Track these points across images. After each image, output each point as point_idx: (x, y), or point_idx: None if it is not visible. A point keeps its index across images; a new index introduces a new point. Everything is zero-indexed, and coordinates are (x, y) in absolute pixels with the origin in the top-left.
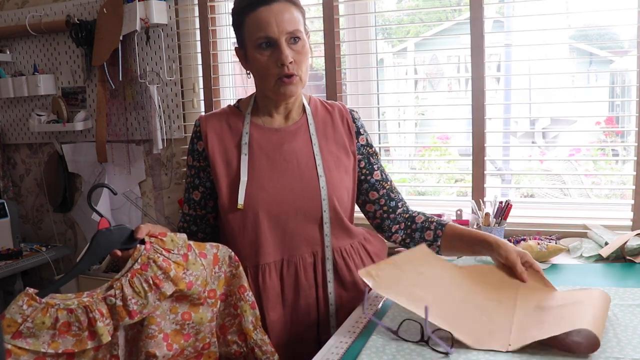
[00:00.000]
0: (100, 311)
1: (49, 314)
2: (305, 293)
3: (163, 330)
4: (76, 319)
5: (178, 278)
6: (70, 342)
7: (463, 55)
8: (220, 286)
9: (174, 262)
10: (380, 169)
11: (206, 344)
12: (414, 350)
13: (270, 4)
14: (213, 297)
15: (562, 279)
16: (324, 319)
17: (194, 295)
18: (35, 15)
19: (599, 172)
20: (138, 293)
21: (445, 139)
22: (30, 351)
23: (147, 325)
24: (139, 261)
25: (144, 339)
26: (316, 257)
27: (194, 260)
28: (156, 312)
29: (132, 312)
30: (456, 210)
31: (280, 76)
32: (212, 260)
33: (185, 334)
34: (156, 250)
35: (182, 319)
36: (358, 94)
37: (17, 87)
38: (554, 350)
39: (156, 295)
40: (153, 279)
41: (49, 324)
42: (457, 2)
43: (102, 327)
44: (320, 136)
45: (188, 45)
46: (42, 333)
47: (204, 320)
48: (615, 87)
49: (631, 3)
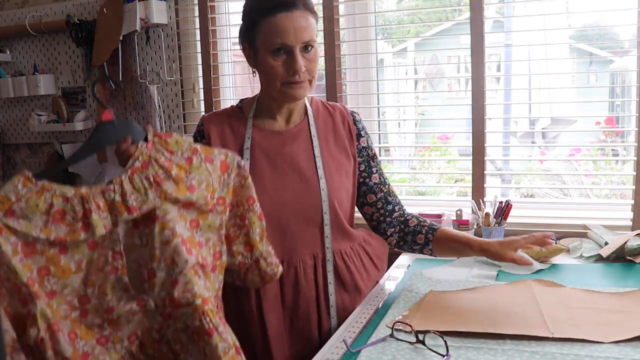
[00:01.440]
0: (97, 203)
1: (44, 198)
2: (305, 295)
3: (181, 235)
4: (71, 208)
5: (179, 178)
6: (63, 230)
7: (463, 56)
8: (229, 194)
9: (176, 164)
10: (379, 172)
11: (217, 253)
12: (414, 350)
13: (291, 11)
14: (222, 204)
15: (562, 279)
16: (324, 320)
17: (199, 200)
18: (35, 15)
19: (599, 172)
20: (138, 190)
21: (445, 139)
22: (21, 233)
23: (159, 232)
24: (139, 159)
25: (159, 247)
26: (316, 259)
27: (198, 165)
28: (166, 216)
29: (131, 207)
30: (456, 210)
31: (289, 81)
32: (220, 167)
33: (198, 242)
34: (158, 150)
35: (190, 226)
36: (358, 94)
37: (17, 87)
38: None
39: (156, 193)
40: (154, 177)
41: (42, 209)
42: (457, 2)
43: (97, 219)
44: (321, 139)
45: (188, 45)
46: (35, 217)
47: (212, 227)
48: (615, 87)
49: (631, 3)
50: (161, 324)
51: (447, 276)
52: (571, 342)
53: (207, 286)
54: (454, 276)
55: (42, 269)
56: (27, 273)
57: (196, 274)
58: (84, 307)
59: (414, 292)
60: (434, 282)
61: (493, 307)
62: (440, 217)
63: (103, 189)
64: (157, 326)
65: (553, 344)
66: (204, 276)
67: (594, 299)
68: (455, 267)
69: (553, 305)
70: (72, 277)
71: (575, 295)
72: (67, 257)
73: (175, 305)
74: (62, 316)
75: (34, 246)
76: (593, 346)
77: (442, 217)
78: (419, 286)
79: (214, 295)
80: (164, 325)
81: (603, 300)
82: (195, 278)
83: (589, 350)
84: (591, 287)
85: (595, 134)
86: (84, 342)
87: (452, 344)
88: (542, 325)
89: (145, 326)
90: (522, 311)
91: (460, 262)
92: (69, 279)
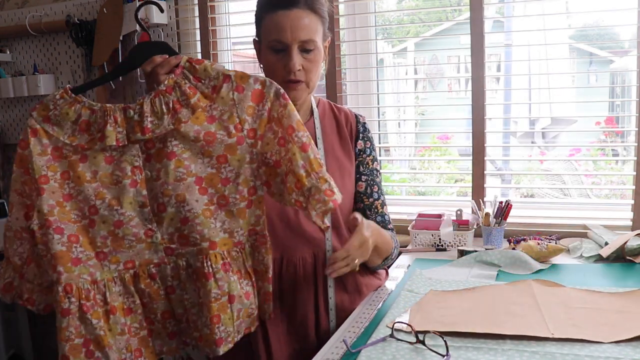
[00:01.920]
0: (116, 117)
1: (74, 109)
2: (304, 294)
3: (195, 173)
4: (95, 119)
5: (199, 106)
6: (85, 139)
7: (463, 56)
8: (261, 126)
9: (201, 92)
10: (367, 182)
11: (251, 188)
12: (414, 350)
13: (290, 9)
14: (253, 137)
15: (562, 279)
16: (323, 319)
17: (219, 132)
18: (35, 15)
19: (599, 172)
20: (156, 113)
21: (445, 139)
22: (53, 138)
23: (174, 168)
24: (165, 83)
25: (172, 182)
26: (317, 258)
27: (225, 94)
28: (183, 154)
29: (145, 128)
30: (456, 210)
31: (286, 80)
32: (251, 96)
33: (224, 178)
34: (185, 76)
35: (217, 162)
36: (358, 94)
37: (17, 87)
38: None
39: (172, 119)
40: (174, 102)
41: (72, 118)
42: (457, 2)
43: (111, 130)
44: (325, 140)
45: (188, 45)
46: (66, 124)
47: (242, 161)
48: (615, 87)
49: (631, 3)
50: (162, 260)
51: (447, 276)
52: (571, 342)
53: (227, 226)
54: (454, 276)
55: (65, 172)
56: (45, 172)
57: (212, 215)
58: (92, 217)
59: (414, 292)
60: (434, 282)
61: (493, 307)
62: (440, 217)
63: (125, 106)
64: (157, 261)
65: (553, 344)
66: (225, 215)
67: (594, 299)
68: (455, 267)
69: (553, 305)
70: (85, 185)
71: (575, 295)
72: (84, 166)
73: (182, 243)
74: (72, 219)
75: (62, 151)
76: (593, 346)
77: (442, 217)
78: (419, 286)
79: (246, 232)
80: (164, 262)
81: (603, 300)
82: (210, 220)
83: (589, 350)
84: (591, 287)
85: (595, 134)
86: (82, 249)
87: (452, 344)
88: (542, 325)
89: (145, 258)
90: (522, 311)
91: (461, 262)
92: (83, 186)
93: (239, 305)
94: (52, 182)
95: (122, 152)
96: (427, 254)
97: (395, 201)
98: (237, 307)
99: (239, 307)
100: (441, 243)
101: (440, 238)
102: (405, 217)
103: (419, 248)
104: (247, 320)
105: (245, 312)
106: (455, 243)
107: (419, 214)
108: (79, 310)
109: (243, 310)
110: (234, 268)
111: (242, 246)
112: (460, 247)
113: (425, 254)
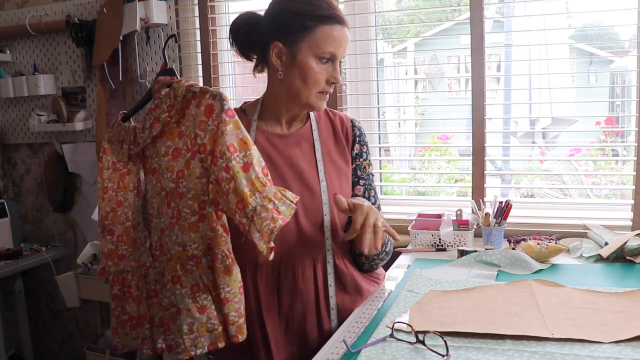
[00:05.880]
0: (130, 136)
1: (119, 130)
2: (303, 296)
3: (165, 188)
4: (127, 138)
5: (169, 123)
6: (120, 154)
7: (463, 56)
8: (210, 141)
9: (176, 108)
10: (365, 186)
11: (201, 203)
12: (414, 350)
13: (343, 26)
14: (203, 152)
15: (562, 279)
16: (324, 321)
17: (183, 147)
18: (35, 15)
19: (599, 172)
20: (144, 128)
21: (445, 139)
22: (111, 154)
23: (155, 183)
24: (154, 102)
25: (155, 196)
26: (315, 260)
27: (190, 110)
28: (161, 169)
29: (137, 143)
30: (456, 210)
31: (323, 89)
32: (204, 111)
33: (180, 193)
34: (169, 94)
35: (176, 177)
36: (358, 94)
37: (17, 87)
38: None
39: (145, 134)
40: (154, 118)
41: (119, 138)
42: (457, 2)
43: (125, 148)
44: (322, 143)
45: (188, 45)
46: (116, 144)
47: (192, 176)
48: (615, 87)
49: (631, 3)
50: (151, 263)
51: (447, 276)
52: (571, 342)
53: (180, 240)
54: (454, 276)
55: (118, 182)
56: (107, 183)
57: (172, 228)
58: (133, 221)
59: (414, 292)
60: (434, 282)
61: (493, 307)
62: (440, 217)
63: (134, 124)
64: (148, 264)
65: (553, 344)
66: (179, 229)
67: (594, 299)
68: (455, 267)
69: (553, 305)
70: (129, 194)
71: (575, 295)
72: (129, 178)
73: (162, 251)
74: (120, 222)
75: (116, 165)
76: (593, 346)
77: (442, 217)
78: (419, 286)
79: (201, 246)
80: (152, 266)
81: (603, 300)
82: (172, 233)
83: (589, 350)
84: (591, 287)
85: (595, 134)
86: (126, 246)
87: (452, 344)
88: (542, 325)
89: (141, 260)
90: (522, 311)
91: (460, 262)
92: (127, 194)
93: (188, 319)
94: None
95: (138, 165)
96: (427, 254)
97: (395, 201)
98: (187, 320)
99: (190, 321)
100: (441, 243)
101: (440, 238)
102: (405, 217)
103: (419, 248)
104: (209, 335)
105: (201, 326)
106: (455, 243)
107: (419, 214)
108: (123, 294)
109: (197, 325)
110: (185, 281)
111: (197, 260)
112: (460, 247)
113: (425, 254)
